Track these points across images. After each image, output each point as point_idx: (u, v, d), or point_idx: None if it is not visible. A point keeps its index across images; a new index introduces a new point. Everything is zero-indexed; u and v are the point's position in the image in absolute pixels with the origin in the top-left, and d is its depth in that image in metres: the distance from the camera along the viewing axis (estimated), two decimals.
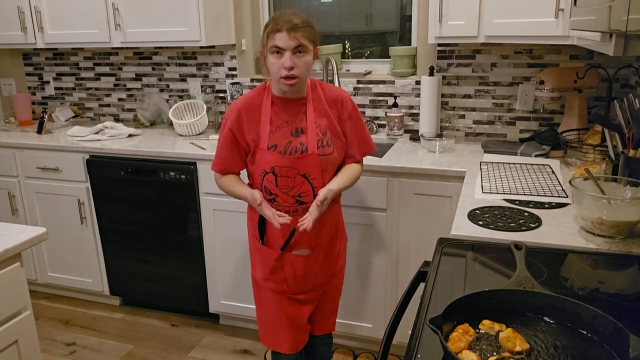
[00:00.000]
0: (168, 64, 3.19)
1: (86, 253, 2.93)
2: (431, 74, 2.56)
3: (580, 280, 1.20)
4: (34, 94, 3.59)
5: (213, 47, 3.03)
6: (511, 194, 1.79)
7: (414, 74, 2.74)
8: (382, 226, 2.30)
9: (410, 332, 1.03)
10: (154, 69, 3.23)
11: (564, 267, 1.28)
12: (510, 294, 1.03)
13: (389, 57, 2.78)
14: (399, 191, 2.23)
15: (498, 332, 0.94)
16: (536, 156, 2.27)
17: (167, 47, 3.14)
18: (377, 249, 2.34)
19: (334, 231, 1.89)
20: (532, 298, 1.02)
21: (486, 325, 0.96)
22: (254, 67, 3.08)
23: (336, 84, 2.60)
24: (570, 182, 1.47)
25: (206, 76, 3.11)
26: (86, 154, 2.77)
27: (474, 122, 2.66)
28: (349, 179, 1.80)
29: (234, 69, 3.04)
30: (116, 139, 2.86)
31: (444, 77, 2.64)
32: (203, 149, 2.58)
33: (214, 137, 2.71)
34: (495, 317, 0.99)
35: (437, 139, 2.45)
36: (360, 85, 2.81)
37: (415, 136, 2.65)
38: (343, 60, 2.95)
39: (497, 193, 1.80)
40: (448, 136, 2.47)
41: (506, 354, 0.90)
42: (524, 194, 1.78)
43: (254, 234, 1.86)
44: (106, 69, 3.35)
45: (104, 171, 2.74)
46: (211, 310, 2.76)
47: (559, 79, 2.23)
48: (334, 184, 1.74)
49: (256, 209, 1.74)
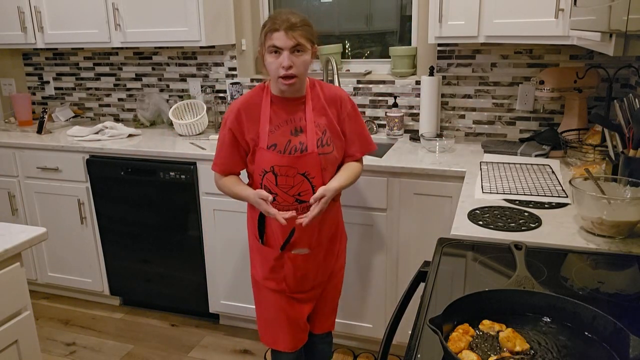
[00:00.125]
0: (168, 64, 3.19)
1: (86, 253, 2.93)
2: (431, 74, 2.55)
3: (580, 280, 1.20)
4: (34, 94, 3.59)
5: (213, 47, 3.03)
6: (511, 194, 1.79)
7: (414, 74, 2.74)
8: (382, 226, 2.30)
9: (410, 332, 1.03)
10: (154, 69, 3.23)
11: (564, 267, 1.28)
12: (510, 294, 1.03)
13: (389, 57, 2.78)
14: (399, 191, 2.23)
15: (498, 332, 0.94)
16: (536, 156, 2.27)
17: (167, 47, 3.14)
18: (377, 249, 2.34)
19: (334, 230, 1.89)
20: (532, 298, 1.02)
21: (486, 325, 0.96)
22: (254, 67, 3.08)
23: (336, 84, 2.60)
24: (570, 182, 1.47)
25: (206, 76, 3.11)
26: (86, 154, 2.77)
27: (474, 122, 2.66)
28: (349, 178, 1.80)
29: (234, 69, 3.04)
30: (116, 139, 2.86)
31: (444, 77, 2.64)
32: (203, 149, 2.58)
33: (214, 137, 2.71)
34: (495, 317, 0.99)
35: (437, 139, 2.45)
36: (360, 85, 2.81)
37: (415, 136, 2.65)
38: (343, 60, 2.95)
39: (497, 193, 1.80)
40: (448, 136, 2.47)
41: (506, 354, 0.90)
42: (524, 194, 1.78)
43: (253, 234, 1.86)
44: (106, 69, 3.35)
45: (104, 171, 2.74)
46: (211, 310, 2.76)
47: (559, 79, 2.23)
48: (334, 182, 1.74)
49: (263, 206, 1.69)
